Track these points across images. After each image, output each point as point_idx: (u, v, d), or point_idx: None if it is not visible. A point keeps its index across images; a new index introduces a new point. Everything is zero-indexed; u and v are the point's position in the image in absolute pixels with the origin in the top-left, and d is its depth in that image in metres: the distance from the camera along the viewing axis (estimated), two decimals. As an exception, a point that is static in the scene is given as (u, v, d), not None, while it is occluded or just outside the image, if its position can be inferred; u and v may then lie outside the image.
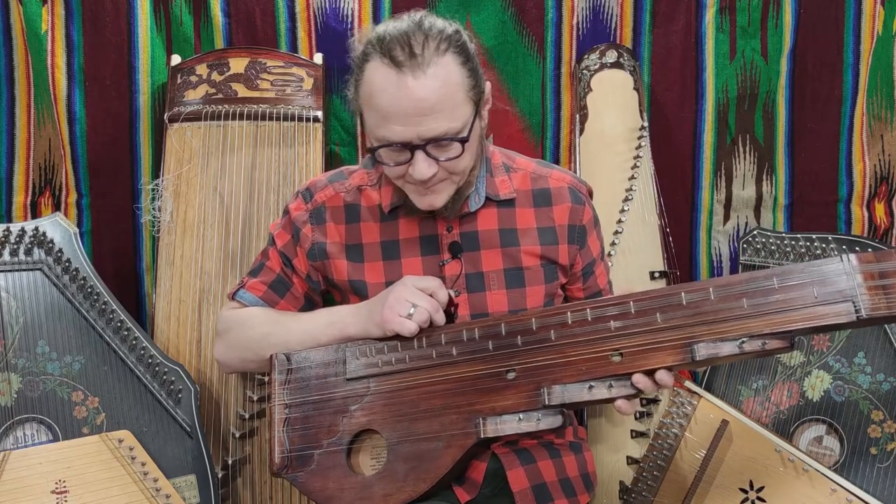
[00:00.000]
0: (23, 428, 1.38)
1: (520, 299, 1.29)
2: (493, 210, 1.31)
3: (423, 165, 1.15)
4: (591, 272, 1.38)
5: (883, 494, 1.47)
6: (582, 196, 1.36)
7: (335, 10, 1.81)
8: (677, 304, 1.10)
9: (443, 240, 1.30)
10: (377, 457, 1.21)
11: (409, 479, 1.16)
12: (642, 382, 1.09)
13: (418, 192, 1.21)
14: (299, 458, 1.22)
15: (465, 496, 1.22)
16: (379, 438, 1.20)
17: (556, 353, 1.13)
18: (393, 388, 1.19)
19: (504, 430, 1.14)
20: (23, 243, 1.44)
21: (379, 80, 1.13)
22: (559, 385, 1.12)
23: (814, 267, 1.06)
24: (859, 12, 1.80)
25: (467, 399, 1.15)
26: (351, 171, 1.37)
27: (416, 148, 1.14)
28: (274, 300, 1.35)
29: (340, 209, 1.33)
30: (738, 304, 1.07)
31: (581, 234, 1.35)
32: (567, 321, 1.14)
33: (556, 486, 1.26)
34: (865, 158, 1.83)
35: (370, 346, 1.21)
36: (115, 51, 1.78)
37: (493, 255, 1.30)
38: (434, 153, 1.15)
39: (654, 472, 1.49)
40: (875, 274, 1.04)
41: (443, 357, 1.17)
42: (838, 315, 1.04)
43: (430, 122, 1.12)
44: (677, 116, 1.87)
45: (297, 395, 1.24)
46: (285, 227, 1.35)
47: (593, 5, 1.84)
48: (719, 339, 1.07)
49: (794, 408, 1.57)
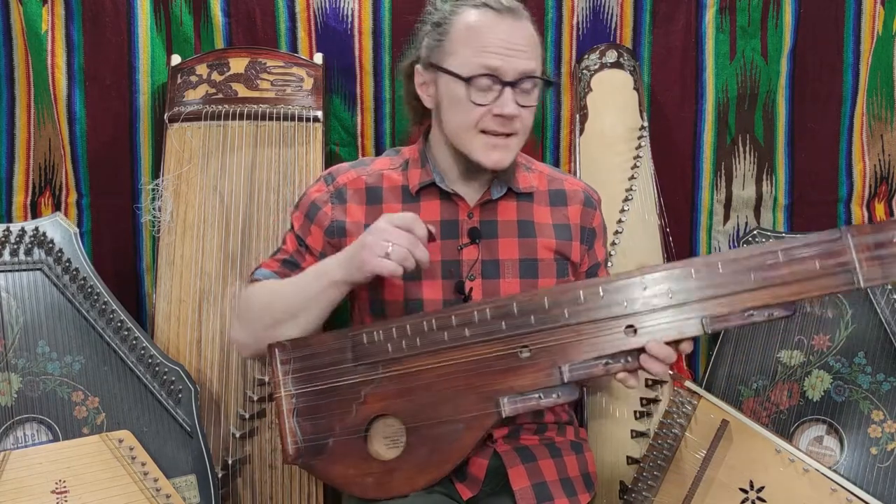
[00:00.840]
0: (23, 428, 1.38)
1: (532, 289, 1.30)
2: (513, 202, 1.35)
3: (511, 102, 1.23)
4: (595, 275, 1.41)
5: (883, 494, 1.47)
6: (594, 201, 1.42)
7: (335, 10, 1.81)
8: (686, 277, 1.14)
9: (463, 225, 1.32)
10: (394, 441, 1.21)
11: (433, 462, 1.18)
12: (656, 349, 1.13)
13: (489, 146, 1.26)
14: (313, 447, 1.22)
15: (466, 493, 1.24)
16: (393, 422, 1.20)
17: (571, 331, 1.16)
18: (405, 373, 1.20)
19: (524, 409, 1.17)
20: (23, 243, 1.44)
21: (480, 19, 1.25)
22: (575, 362, 1.15)
23: (815, 241, 1.13)
24: (859, 12, 1.80)
25: (484, 380, 1.17)
26: (373, 159, 1.42)
27: (507, 84, 1.23)
28: (286, 274, 1.35)
29: (362, 191, 1.35)
30: (746, 277, 1.13)
31: (591, 236, 1.39)
32: (580, 298, 1.16)
33: (556, 485, 1.26)
34: (865, 158, 1.83)
35: (378, 332, 1.21)
36: (115, 51, 1.78)
37: (510, 244, 1.32)
38: (519, 98, 1.24)
39: (654, 472, 1.49)
40: (871, 245, 1.11)
41: (455, 339, 1.18)
42: (838, 286, 1.12)
43: (525, 59, 1.24)
44: (677, 116, 1.87)
45: (302, 385, 1.24)
46: (303, 210, 1.37)
47: (593, 5, 1.84)
48: (728, 312, 1.13)
49: (795, 408, 1.57)
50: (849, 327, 1.57)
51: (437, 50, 1.28)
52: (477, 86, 1.23)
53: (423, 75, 1.31)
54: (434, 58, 1.28)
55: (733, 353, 1.64)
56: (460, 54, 1.25)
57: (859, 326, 1.56)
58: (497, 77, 1.23)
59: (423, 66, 1.31)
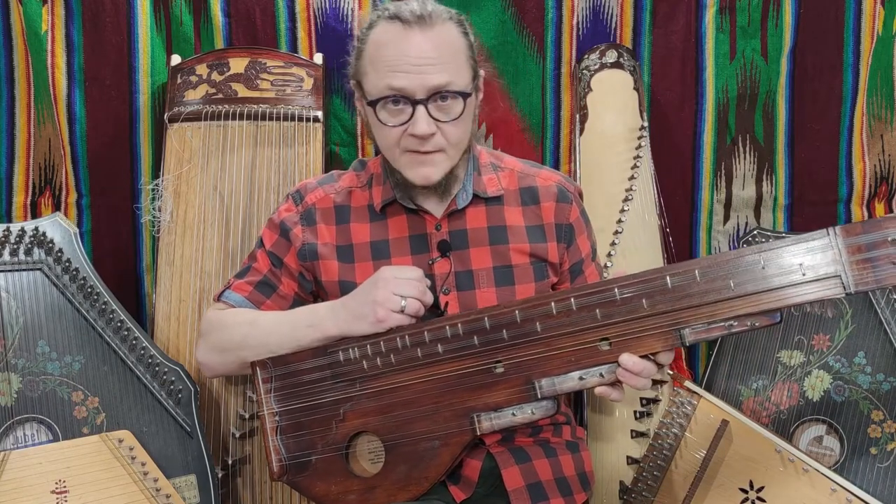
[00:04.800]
0: (23, 428, 1.38)
1: (509, 297, 1.29)
2: (482, 208, 1.32)
3: (424, 121, 1.16)
4: (581, 272, 1.38)
5: (883, 494, 1.47)
6: (570, 195, 1.36)
7: (335, 10, 1.81)
8: (662, 288, 1.07)
9: (432, 238, 1.30)
10: (375, 457, 1.21)
11: (412, 479, 1.17)
12: (630, 363, 1.07)
13: (415, 162, 1.21)
14: (297, 464, 1.22)
15: (460, 495, 1.23)
16: (374, 439, 1.20)
17: (544, 345, 1.12)
18: (382, 390, 1.19)
19: (499, 426, 1.14)
20: (23, 243, 1.44)
21: (386, 36, 1.18)
22: (549, 377, 1.11)
23: (801, 243, 1.03)
24: (859, 12, 1.80)
25: (459, 397, 1.15)
26: (340, 175, 1.39)
27: (418, 103, 1.16)
28: (259, 300, 1.35)
29: (331, 210, 1.33)
30: (725, 285, 1.04)
31: (568, 233, 1.35)
32: (552, 312, 1.11)
33: (551, 485, 1.26)
34: (865, 158, 1.83)
35: (354, 349, 1.20)
36: (115, 51, 1.78)
37: (482, 253, 1.30)
38: (435, 114, 1.17)
39: (654, 472, 1.49)
40: (862, 246, 1.00)
41: (429, 356, 1.16)
42: (825, 291, 1.01)
43: (434, 73, 1.16)
44: (677, 116, 1.87)
45: (284, 403, 1.24)
46: (274, 228, 1.35)
47: (593, 5, 1.84)
48: (707, 322, 1.05)
49: (794, 408, 1.57)
50: (849, 327, 1.57)
51: (357, 68, 1.24)
52: (386, 108, 1.19)
53: (357, 91, 1.28)
54: (357, 76, 1.25)
55: (733, 353, 1.64)
56: (370, 76, 1.20)
57: (859, 326, 1.56)
58: (406, 97, 1.17)
59: (353, 85, 1.28)
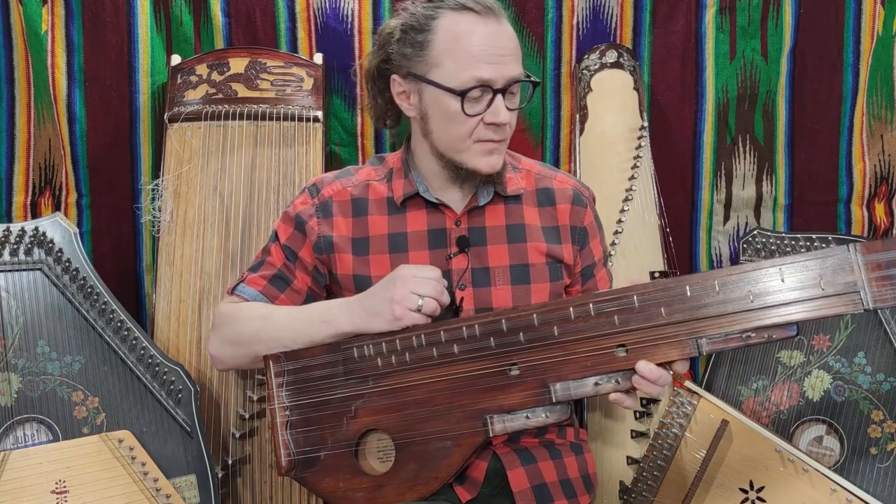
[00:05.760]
0: (23, 428, 1.38)
1: (524, 296, 1.29)
2: (501, 206, 1.33)
3: (504, 110, 1.21)
4: (591, 276, 1.39)
5: (883, 494, 1.47)
6: (584, 199, 1.38)
7: (335, 10, 1.81)
8: (681, 297, 1.07)
9: (451, 234, 1.31)
10: (385, 455, 1.21)
11: (421, 479, 1.17)
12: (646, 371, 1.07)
13: (485, 151, 1.24)
14: (306, 460, 1.22)
15: (465, 495, 1.23)
16: (384, 437, 1.20)
17: (560, 349, 1.12)
18: (395, 388, 1.19)
19: (512, 429, 1.14)
20: (23, 243, 1.44)
21: (462, 27, 1.20)
22: (565, 381, 1.11)
23: (819, 257, 1.03)
24: (859, 12, 1.80)
25: (472, 398, 1.15)
26: (357, 169, 1.39)
27: (498, 92, 1.20)
28: (274, 294, 1.34)
29: (348, 203, 1.34)
30: (744, 296, 1.05)
31: (582, 236, 1.36)
32: (570, 316, 1.11)
33: (556, 487, 1.26)
34: (865, 158, 1.83)
35: (369, 346, 1.20)
36: (115, 51, 1.78)
37: (499, 251, 1.30)
38: (507, 103, 1.22)
39: (654, 472, 1.49)
40: (882, 263, 1.00)
41: (444, 356, 1.16)
42: (845, 306, 1.02)
43: (513, 64, 1.22)
44: (677, 116, 1.87)
45: (295, 397, 1.23)
46: (289, 222, 1.35)
47: (593, 5, 1.84)
48: (725, 333, 1.05)
49: (794, 408, 1.57)
50: (849, 327, 1.57)
51: (418, 60, 1.23)
52: (469, 98, 1.20)
53: (403, 85, 1.27)
54: (416, 69, 1.23)
55: (733, 353, 1.64)
56: (447, 66, 1.20)
57: (859, 326, 1.56)
58: (488, 86, 1.20)
59: (401, 76, 1.26)
